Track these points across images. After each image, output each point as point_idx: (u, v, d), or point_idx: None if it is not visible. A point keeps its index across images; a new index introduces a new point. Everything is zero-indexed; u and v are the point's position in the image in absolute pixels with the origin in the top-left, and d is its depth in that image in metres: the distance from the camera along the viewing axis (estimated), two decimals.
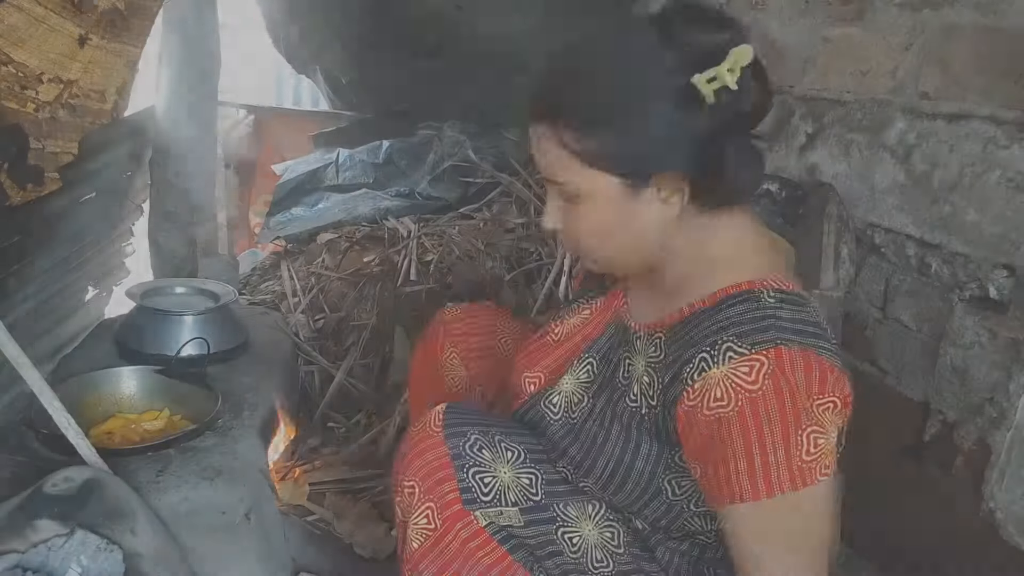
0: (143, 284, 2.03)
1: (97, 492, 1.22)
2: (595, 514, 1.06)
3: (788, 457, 0.84)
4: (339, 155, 3.38)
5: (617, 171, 0.90)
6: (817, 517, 0.89)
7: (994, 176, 1.41)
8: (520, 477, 1.05)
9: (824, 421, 0.87)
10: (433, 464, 1.04)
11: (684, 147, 0.87)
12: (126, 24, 1.77)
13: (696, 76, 0.84)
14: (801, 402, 0.85)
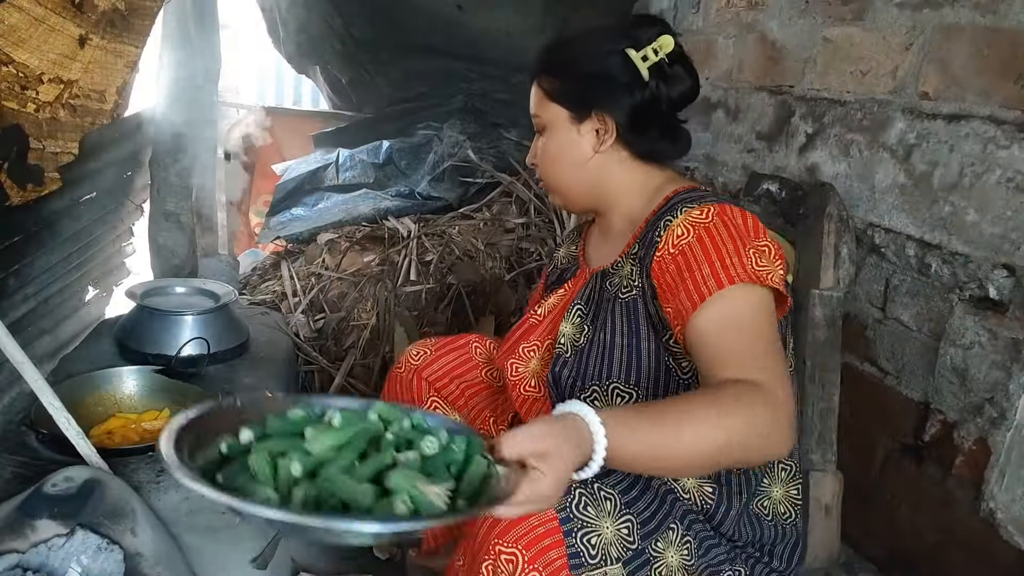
0: (143, 284, 2.03)
1: (97, 492, 1.22)
2: (675, 539, 1.06)
3: (741, 262, 1.02)
4: (339, 155, 3.38)
5: (567, 102, 1.20)
6: (768, 320, 1.03)
7: (994, 176, 1.41)
8: (620, 529, 1.01)
9: (763, 254, 1.04)
10: (539, 531, 0.96)
11: (616, 99, 1.17)
12: (126, 24, 1.77)
13: (630, 50, 1.15)
14: (745, 234, 1.06)
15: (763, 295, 1.03)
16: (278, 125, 4.16)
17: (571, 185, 1.25)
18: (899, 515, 1.66)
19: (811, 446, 1.71)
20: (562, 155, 1.23)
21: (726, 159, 2.29)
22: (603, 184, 1.23)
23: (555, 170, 1.25)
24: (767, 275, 1.02)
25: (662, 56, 1.15)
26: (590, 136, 1.20)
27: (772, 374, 0.96)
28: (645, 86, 1.16)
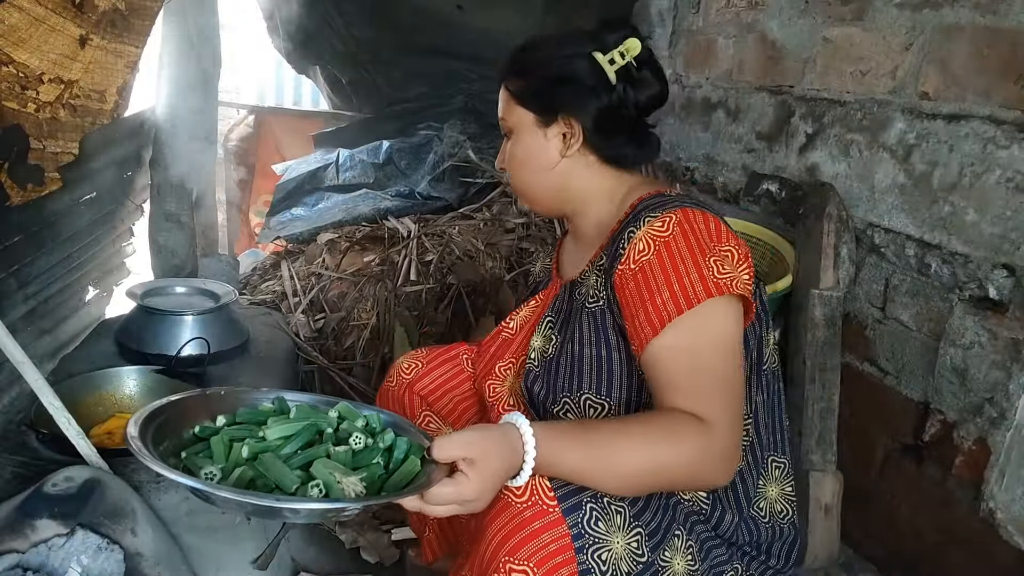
0: (143, 284, 2.03)
1: (97, 492, 1.22)
2: (681, 545, 1.05)
3: (702, 277, 1.02)
4: (339, 155, 3.38)
5: (533, 106, 1.19)
6: (725, 348, 1.03)
7: (994, 176, 1.41)
8: (630, 542, 0.99)
9: (725, 260, 1.04)
10: (551, 548, 0.93)
11: (583, 102, 1.16)
12: (127, 24, 1.77)
13: (596, 53, 1.15)
14: (704, 241, 1.05)
15: (726, 308, 1.03)
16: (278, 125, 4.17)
17: (537, 190, 1.25)
18: (899, 515, 1.66)
19: (811, 446, 1.71)
20: (528, 159, 1.22)
21: (726, 159, 2.29)
22: (569, 188, 1.22)
23: (522, 174, 1.24)
24: (730, 282, 1.02)
25: (629, 59, 1.15)
26: (556, 140, 1.19)
27: (717, 408, 0.99)
28: (612, 90, 1.15)
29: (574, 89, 1.16)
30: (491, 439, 0.92)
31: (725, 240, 1.07)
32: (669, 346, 1.02)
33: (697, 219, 1.07)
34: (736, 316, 1.05)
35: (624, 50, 1.15)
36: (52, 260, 1.92)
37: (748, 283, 1.05)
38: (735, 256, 1.05)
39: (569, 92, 1.16)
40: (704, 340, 1.02)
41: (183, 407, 1.01)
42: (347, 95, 3.75)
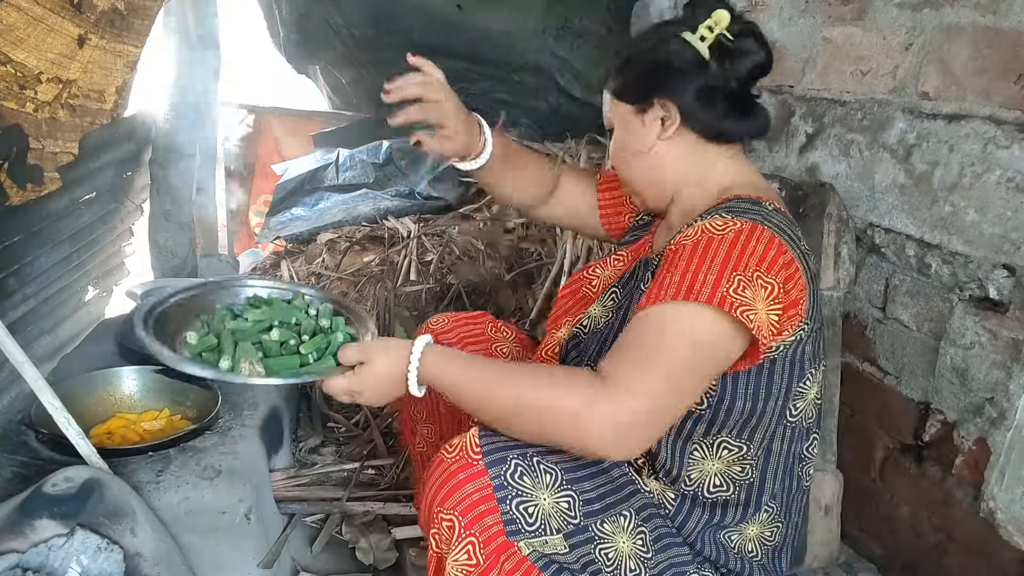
0: (143, 284, 2.03)
1: (97, 492, 1.22)
2: (628, 526, 1.06)
3: (716, 283, 0.96)
4: (339, 155, 3.39)
5: (628, 97, 1.19)
6: (692, 349, 0.97)
7: (994, 176, 1.41)
8: (559, 502, 1.02)
9: (755, 289, 0.97)
10: (474, 497, 0.99)
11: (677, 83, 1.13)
12: (126, 24, 1.76)
13: (685, 32, 1.12)
14: (746, 260, 0.98)
15: (721, 325, 0.97)
16: (278, 125, 4.16)
17: (638, 177, 1.22)
18: (899, 515, 1.66)
19: None
20: (627, 146, 1.20)
21: None
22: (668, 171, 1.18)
23: (623, 164, 1.23)
24: (737, 306, 0.95)
25: (719, 32, 1.11)
26: (655, 125, 1.16)
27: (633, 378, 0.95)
28: (707, 66, 1.11)
29: (665, 72, 1.14)
30: (384, 348, 1.11)
31: (772, 272, 0.99)
32: (643, 317, 1.00)
33: (759, 239, 1.00)
34: (726, 339, 0.98)
35: (712, 23, 1.11)
36: (52, 260, 1.92)
37: (764, 324, 0.97)
38: (772, 291, 0.98)
39: (659, 75, 1.14)
40: (675, 329, 0.98)
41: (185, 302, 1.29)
42: (347, 95, 3.75)
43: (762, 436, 1.09)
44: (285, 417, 1.87)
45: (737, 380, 1.05)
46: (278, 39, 3.59)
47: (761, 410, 1.07)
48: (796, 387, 1.08)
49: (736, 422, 1.08)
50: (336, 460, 2.03)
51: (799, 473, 1.17)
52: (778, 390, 1.07)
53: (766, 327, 0.97)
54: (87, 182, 2.01)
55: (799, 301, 1.02)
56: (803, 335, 1.04)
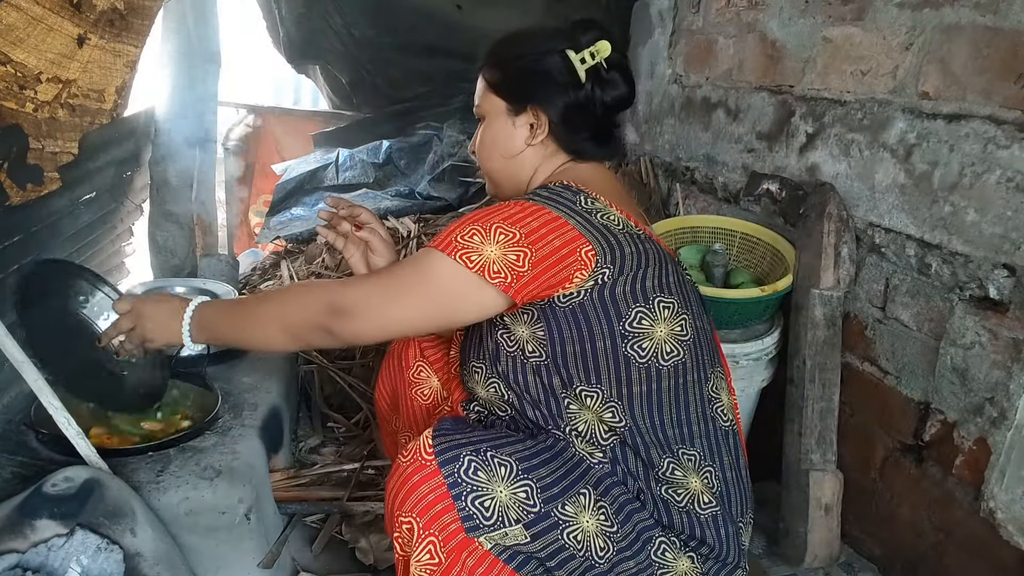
0: (143, 284, 2.03)
1: (97, 492, 1.22)
2: (588, 503, 1.08)
3: (450, 232, 1.11)
4: (339, 155, 3.39)
5: (505, 95, 1.27)
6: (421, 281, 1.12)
7: (994, 176, 1.41)
8: (517, 492, 1.05)
9: (489, 235, 1.09)
10: (430, 497, 1.03)
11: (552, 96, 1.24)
12: (125, 24, 1.76)
13: (569, 51, 1.22)
14: (491, 216, 1.11)
15: (450, 265, 1.08)
16: (278, 125, 4.16)
17: (502, 175, 1.33)
18: (899, 515, 1.66)
19: (811, 446, 1.71)
20: (496, 144, 1.30)
21: (726, 159, 2.29)
22: (527, 173, 1.30)
23: (490, 159, 1.32)
24: (458, 249, 1.08)
25: (599, 60, 1.22)
26: (524, 129, 1.27)
27: (355, 280, 1.18)
28: (581, 87, 1.22)
29: (545, 82, 1.24)
30: (154, 298, 1.30)
31: (517, 224, 1.09)
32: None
33: (514, 206, 1.13)
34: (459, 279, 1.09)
35: (595, 51, 1.21)
36: None
37: (492, 262, 1.07)
38: (512, 237, 1.08)
39: (539, 85, 1.24)
40: (414, 260, 1.13)
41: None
42: (347, 95, 3.75)
43: (612, 378, 1.13)
44: (285, 417, 1.87)
45: (559, 325, 1.13)
46: (278, 39, 3.58)
47: (592, 351, 1.13)
48: (620, 326, 1.12)
49: (577, 368, 1.14)
50: (336, 460, 2.03)
51: (712, 415, 1.20)
52: (600, 330, 1.12)
53: (498, 265, 1.07)
54: (87, 182, 2.00)
55: (575, 251, 1.10)
56: (604, 279, 1.11)
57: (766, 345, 1.83)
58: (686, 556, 1.13)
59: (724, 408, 1.22)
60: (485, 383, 1.25)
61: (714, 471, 1.17)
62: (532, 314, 1.14)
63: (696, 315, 1.21)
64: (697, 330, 1.20)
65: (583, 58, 1.21)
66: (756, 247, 2.01)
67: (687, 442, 1.16)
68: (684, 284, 1.22)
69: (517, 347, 1.18)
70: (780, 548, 1.77)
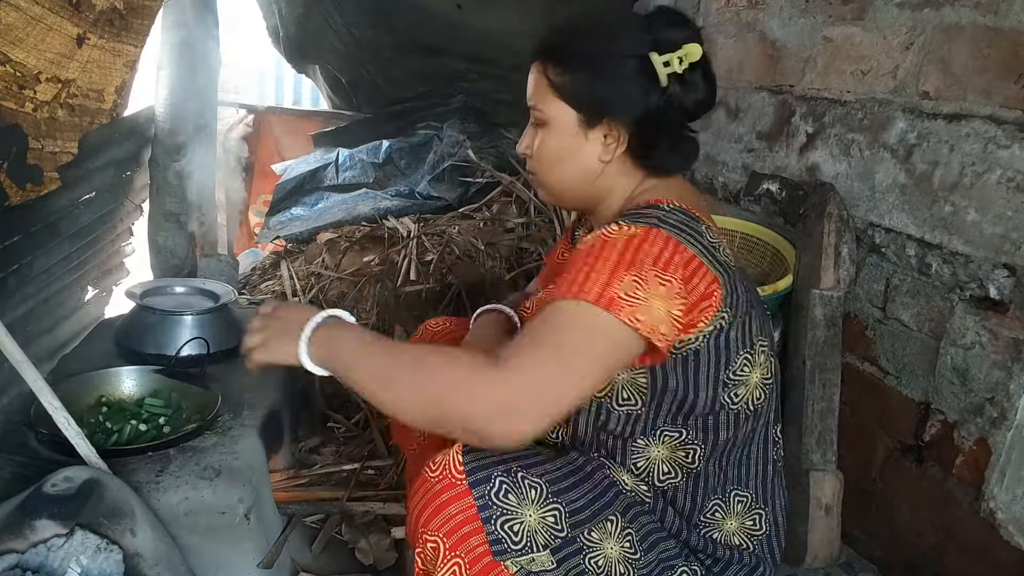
0: (143, 284, 2.03)
1: (97, 492, 1.21)
2: (615, 530, 1.06)
3: (606, 284, 0.95)
4: (339, 155, 3.39)
5: (577, 105, 1.11)
6: (594, 345, 0.96)
7: (994, 176, 1.41)
8: (546, 517, 1.01)
9: (650, 287, 0.96)
10: (458, 518, 0.98)
11: (632, 107, 1.08)
12: (125, 24, 1.76)
13: (653, 54, 1.06)
14: (641, 260, 0.97)
15: (607, 323, 0.95)
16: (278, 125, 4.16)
17: (566, 188, 1.19)
18: (899, 515, 1.66)
19: (811, 446, 1.71)
20: (564, 158, 1.15)
21: (726, 159, 2.29)
22: (598, 188, 1.17)
23: (553, 171, 1.17)
24: (623, 307, 0.94)
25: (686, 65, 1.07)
26: (597, 143, 1.12)
27: (519, 359, 0.94)
28: (661, 93, 1.08)
29: (625, 92, 1.08)
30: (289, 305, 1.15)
31: (671, 271, 0.98)
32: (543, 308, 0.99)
33: (654, 241, 0.99)
34: (620, 333, 0.96)
35: (683, 55, 1.06)
36: (51, 260, 1.92)
37: (660, 321, 0.96)
38: (672, 287, 0.97)
39: (619, 95, 1.09)
40: (569, 319, 0.96)
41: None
42: (347, 95, 3.75)
43: (701, 422, 1.09)
44: (285, 417, 1.87)
45: (665, 373, 1.05)
46: (278, 39, 3.58)
47: (693, 400, 1.07)
48: (726, 374, 1.07)
49: (669, 416, 1.08)
50: (336, 460, 2.03)
51: (773, 457, 1.17)
52: (707, 379, 1.06)
53: (666, 324, 0.96)
54: (87, 182, 2.00)
55: (711, 293, 1.01)
56: (723, 323, 1.03)
57: None
58: None
59: (780, 449, 1.20)
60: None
61: (764, 515, 1.15)
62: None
63: (774, 353, 1.16)
64: (774, 372, 1.15)
65: (668, 62, 1.06)
66: (756, 247, 2.01)
67: (742, 484, 1.13)
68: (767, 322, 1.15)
69: (607, 393, 1.08)
70: None
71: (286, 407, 1.90)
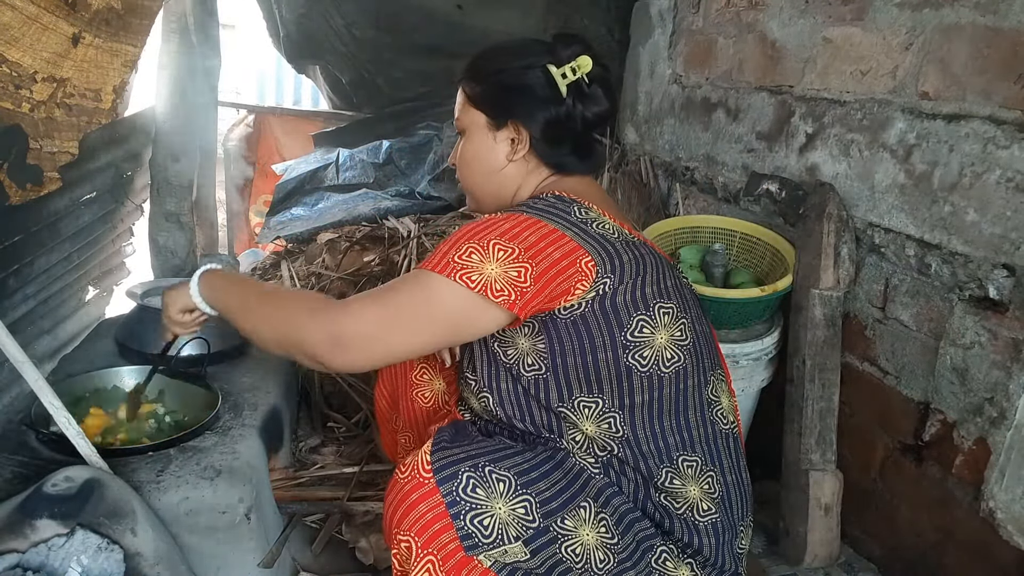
0: (143, 284, 2.03)
1: (97, 492, 1.22)
2: (588, 516, 1.07)
3: (445, 253, 1.08)
4: (339, 155, 3.39)
5: (486, 109, 1.26)
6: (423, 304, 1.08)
7: (994, 176, 1.41)
8: (515, 508, 1.04)
9: (488, 252, 1.07)
10: (428, 516, 1.02)
11: (533, 111, 1.22)
12: (123, 23, 1.76)
13: (551, 66, 1.21)
14: (486, 233, 1.09)
15: (451, 287, 1.06)
16: (278, 125, 4.16)
17: (482, 190, 1.31)
18: (899, 515, 1.66)
19: (811, 446, 1.71)
20: (477, 159, 1.29)
21: (726, 159, 2.29)
22: (509, 189, 1.28)
23: (470, 173, 1.31)
24: (456, 269, 1.05)
25: (580, 75, 1.21)
26: (505, 144, 1.26)
27: (354, 306, 1.09)
28: (562, 102, 1.21)
29: (526, 97, 1.22)
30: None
31: (515, 241, 1.07)
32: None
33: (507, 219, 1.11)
34: (446, 297, 1.07)
35: (576, 66, 1.21)
36: (52, 260, 1.92)
37: (494, 280, 1.05)
38: (511, 254, 1.06)
39: (521, 100, 1.23)
40: (415, 282, 1.09)
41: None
42: (347, 95, 3.75)
43: (614, 388, 1.13)
44: (285, 417, 1.87)
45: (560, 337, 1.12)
46: (278, 39, 3.58)
47: (594, 362, 1.12)
48: (623, 336, 1.12)
49: (578, 379, 1.13)
50: (336, 460, 2.03)
51: (712, 419, 1.19)
52: (602, 341, 1.12)
53: (500, 283, 1.05)
54: (87, 182, 2.01)
55: (575, 262, 1.09)
56: (605, 288, 1.10)
57: (766, 345, 1.83)
58: (685, 563, 1.13)
59: (724, 411, 1.22)
60: (477, 395, 1.24)
61: (715, 476, 1.17)
62: (533, 327, 1.13)
63: (695, 318, 1.21)
64: (697, 333, 1.19)
65: (564, 73, 1.21)
66: (756, 247, 2.01)
67: (687, 448, 1.16)
68: (682, 287, 1.22)
69: (515, 361, 1.17)
70: (780, 548, 1.77)
71: (286, 407, 1.90)
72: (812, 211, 1.78)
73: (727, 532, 1.16)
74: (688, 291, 1.24)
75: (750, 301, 1.79)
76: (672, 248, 2.10)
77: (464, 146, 1.30)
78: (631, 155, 2.89)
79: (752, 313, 1.83)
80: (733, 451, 1.22)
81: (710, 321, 1.31)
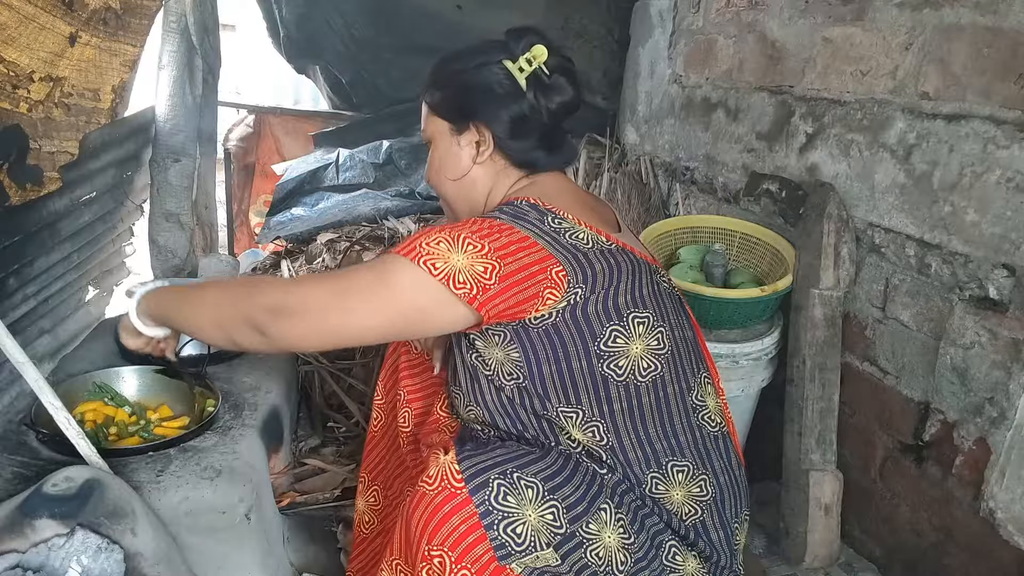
0: (143, 284, 2.03)
1: (97, 492, 1.22)
2: (609, 518, 1.07)
3: (416, 239, 1.07)
4: (339, 155, 3.39)
5: (446, 115, 1.25)
6: (379, 286, 1.07)
7: (994, 176, 1.41)
8: (544, 515, 1.02)
9: (457, 244, 1.06)
10: (461, 529, 0.99)
11: (493, 110, 1.20)
12: (122, 23, 1.76)
13: (507, 61, 1.20)
14: (461, 228, 1.09)
15: (412, 274, 1.05)
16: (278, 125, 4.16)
17: (455, 196, 1.29)
18: (899, 515, 1.66)
19: (811, 446, 1.71)
20: (444, 166, 1.26)
21: (726, 159, 2.29)
22: (481, 193, 1.26)
23: (440, 181, 1.28)
24: (422, 254, 1.04)
25: (537, 66, 1.19)
26: (469, 148, 1.24)
27: (303, 282, 1.14)
28: (523, 96, 1.19)
29: (485, 97, 1.20)
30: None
31: (485, 241, 1.07)
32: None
33: (480, 223, 1.10)
34: (406, 281, 1.06)
35: (531, 57, 1.19)
36: (52, 260, 1.92)
37: (457, 270, 1.04)
38: (480, 249, 1.06)
39: (479, 100, 1.21)
40: (371, 263, 1.10)
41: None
42: (347, 95, 3.75)
43: (590, 398, 1.12)
44: (285, 417, 1.87)
45: (534, 346, 1.11)
46: (278, 39, 3.58)
47: (568, 371, 1.11)
48: (596, 346, 1.11)
49: (555, 389, 1.12)
50: (336, 460, 2.03)
51: (698, 423, 1.19)
52: (576, 351, 1.11)
53: (464, 275, 1.04)
54: (87, 182, 2.00)
55: (545, 269, 1.08)
56: (577, 298, 1.09)
57: (766, 345, 1.83)
58: (691, 555, 1.13)
59: (711, 414, 1.21)
60: (465, 408, 1.23)
61: (708, 479, 1.17)
62: (505, 335, 1.12)
63: (674, 325, 1.19)
64: (676, 341, 1.18)
65: (520, 66, 1.19)
66: (756, 247, 2.01)
67: (676, 454, 1.15)
68: (660, 294, 1.20)
69: (495, 371, 1.16)
70: (780, 548, 1.77)
71: (286, 407, 1.90)
72: (812, 211, 1.78)
73: (719, 530, 1.16)
74: (668, 296, 1.22)
75: (750, 301, 1.79)
76: (672, 248, 2.10)
77: (432, 156, 1.29)
78: (631, 155, 2.89)
79: (752, 313, 1.83)
80: (724, 452, 1.21)
81: (695, 323, 1.30)
